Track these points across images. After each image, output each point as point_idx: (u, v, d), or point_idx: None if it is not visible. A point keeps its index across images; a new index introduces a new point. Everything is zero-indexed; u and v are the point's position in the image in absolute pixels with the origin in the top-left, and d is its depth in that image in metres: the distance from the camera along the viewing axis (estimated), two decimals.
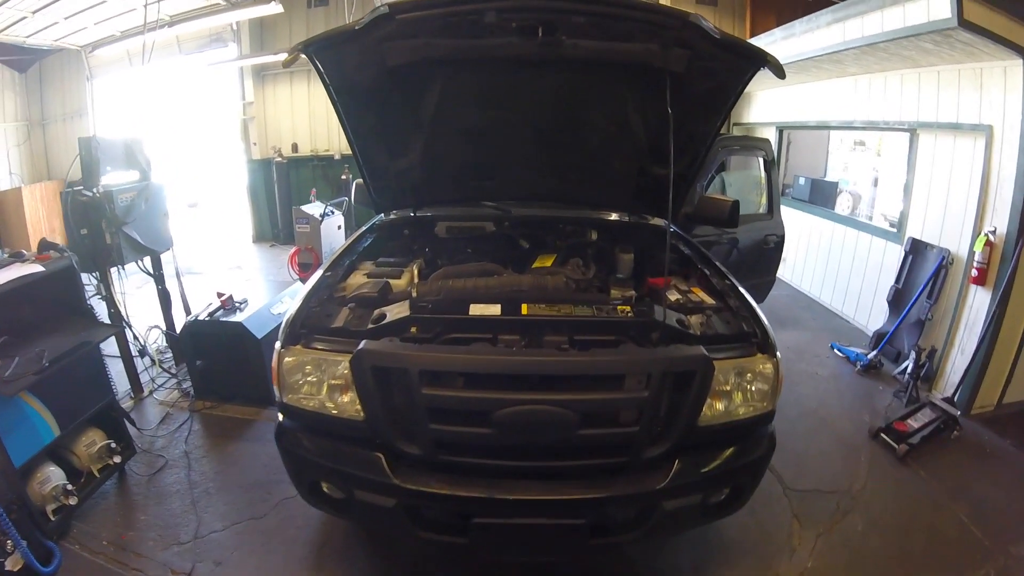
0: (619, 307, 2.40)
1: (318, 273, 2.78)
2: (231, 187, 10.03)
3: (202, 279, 7.43)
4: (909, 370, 4.55)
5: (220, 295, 4.13)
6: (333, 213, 7.51)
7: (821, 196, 7.27)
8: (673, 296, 2.69)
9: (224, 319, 3.97)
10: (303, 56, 2.30)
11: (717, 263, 3.01)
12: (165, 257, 4.64)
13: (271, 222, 9.45)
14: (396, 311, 2.33)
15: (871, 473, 3.61)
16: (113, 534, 2.97)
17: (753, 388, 2.27)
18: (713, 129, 2.80)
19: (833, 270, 6.50)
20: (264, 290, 6.95)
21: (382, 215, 3.62)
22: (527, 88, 2.82)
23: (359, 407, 2.12)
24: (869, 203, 6.95)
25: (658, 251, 3.27)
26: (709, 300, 2.66)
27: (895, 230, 5.51)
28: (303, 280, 3.09)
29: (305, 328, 2.28)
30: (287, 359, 2.20)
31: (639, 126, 2.99)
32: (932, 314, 4.73)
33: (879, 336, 5.25)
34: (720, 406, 2.22)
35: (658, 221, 3.59)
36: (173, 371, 4.59)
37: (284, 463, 2.41)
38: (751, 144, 5.63)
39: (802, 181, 7.55)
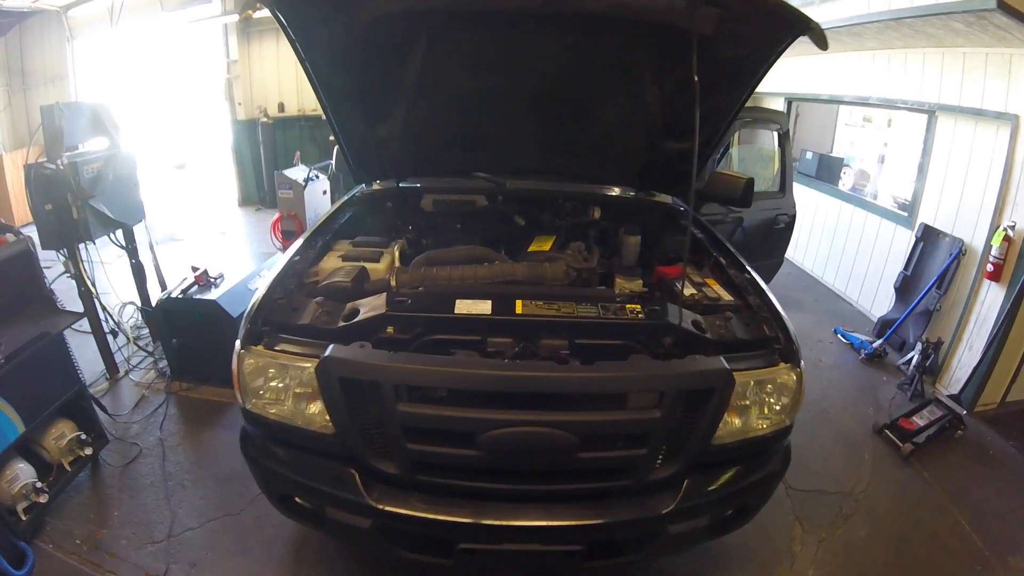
0: (627, 306, 2.09)
1: (287, 254, 2.50)
2: (217, 149, 9.65)
3: (185, 246, 7.15)
4: (914, 362, 4.42)
5: (195, 270, 3.88)
6: (318, 178, 7.12)
7: (828, 172, 7.02)
8: (687, 290, 2.39)
9: (198, 296, 3.73)
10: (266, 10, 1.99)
11: (733, 250, 2.76)
12: (140, 228, 4.36)
13: (257, 185, 9.10)
14: (371, 306, 2.03)
15: (874, 473, 3.51)
16: (86, 531, 2.83)
17: (773, 401, 2.03)
18: (737, 103, 2.51)
19: (838, 251, 6.31)
20: (247, 258, 6.67)
21: (363, 185, 3.32)
22: (527, 48, 2.48)
23: (329, 419, 1.88)
24: (875, 181, 6.74)
25: (668, 233, 3.05)
26: (726, 295, 2.39)
27: (906, 214, 5.31)
28: (285, 248, 2.82)
29: (268, 325, 1.99)
30: (247, 361, 1.92)
31: (653, 96, 2.68)
32: (940, 305, 4.58)
33: (884, 323, 5.11)
34: (737, 422, 2.00)
35: (663, 198, 3.33)
36: (149, 349, 4.37)
37: (251, 472, 2.19)
38: (764, 116, 5.29)
39: (809, 156, 7.28)
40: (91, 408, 3.24)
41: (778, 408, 2.03)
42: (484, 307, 2.02)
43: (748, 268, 2.55)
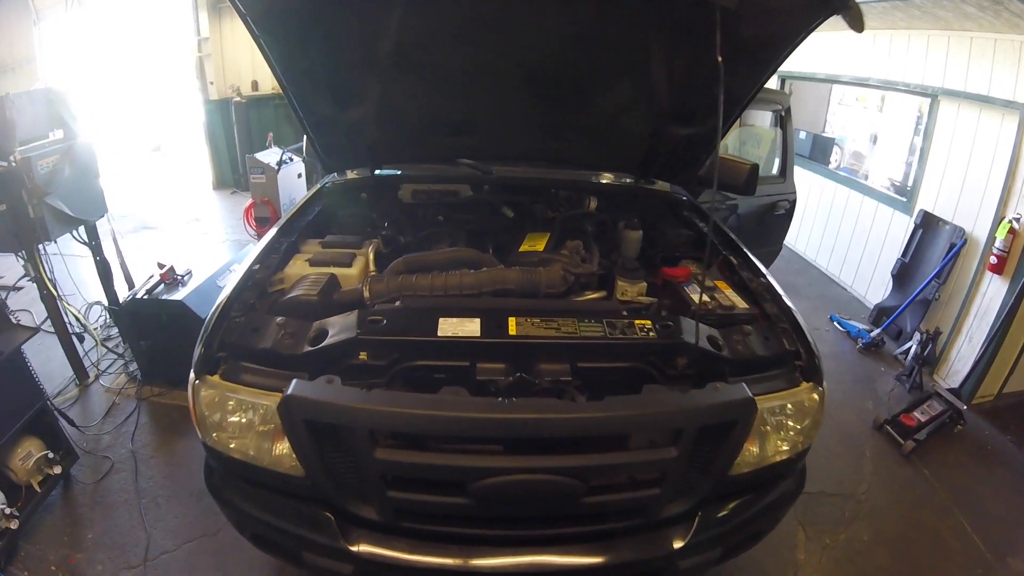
0: (636, 322, 1.85)
1: (247, 260, 2.22)
2: (191, 130, 9.23)
3: (157, 235, 6.82)
4: (912, 352, 4.35)
5: (161, 267, 3.63)
6: (292, 160, 6.70)
7: (822, 153, 6.87)
8: (697, 295, 2.15)
9: (164, 297, 3.48)
10: None
11: (744, 247, 2.55)
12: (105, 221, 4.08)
13: (232, 167, 8.71)
14: (340, 327, 1.76)
15: (875, 472, 3.45)
16: (60, 556, 2.66)
17: (793, 424, 1.84)
18: (755, 87, 2.25)
19: (832, 233, 6.18)
20: (220, 247, 6.41)
21: (334, 175, 3.02)
22: (520, 19, 2.18)
23: (297, 461, 1.67)
24: (867, 162, 6.58)
25: (670, 226, 2.83)
26: (741, 303, 2.15)
27: (904, 199, 5.18)
28: (260, 236, 2.59)
29: (225, 350, 1.75)
30: (203, 393, 1.68)
31: (661, 76, 2.41)
32: (939, 294, 4.50)
33: (881, 311, 5.04)
34: (754, 449, 1.82)
35: (662, 186, 3.11)
36: (120, 351, 4.13)
37: (220, 509, 1.96)
38: (765, 96, 5.02)
39: (803, 135, 7.10)
40: (57, 423, 3.04)
41: (798, 430, 1.86)
42: (472, 327, 1.77)
43: (763, 270, 2.35)
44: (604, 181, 3.22)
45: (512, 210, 2.97)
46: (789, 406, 1.82)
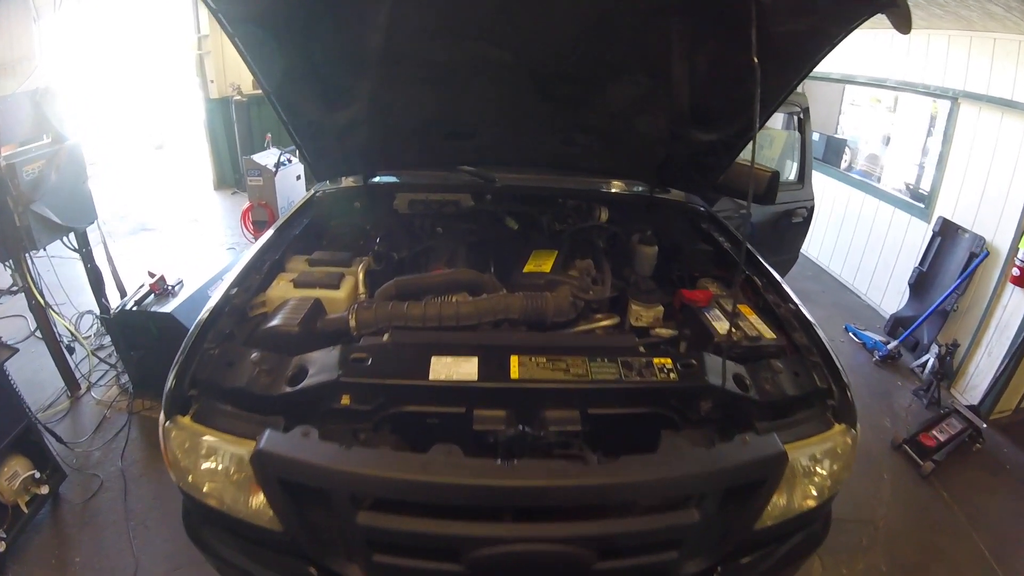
0: (655, 361, 1.66)
1: (224, 283, 2.03)
2: (192, 128, 9.11)
3: (156, 236, 6.72)
4: (930, 366, 4.21)
5: (151, 276, 3.51)
6: (290, 162, 6.56)
7: (835, 155, 6.68)
8: (721, 324, 1.96)
9: (153, 309, 3.34)
10: None
11: (768, 265, 2.36)
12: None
13: (232, 167, 8.57)
14: (321, 365, 1.58)
15: (894, 495, 3.32)
16: None
17: (823, 469, 1.65)
18: (785, 90, 2.00)
19: (847, 239, 6.01)
20: (218, 252, 6.28)
21: (325, 182, 2.84)
22: (526, 12, 1.96)
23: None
24: (881, 164, 6.39)
25: (689, 242, 2.63)
26: (767, 332, 1.95)
27: (921, 205, 5.01)
28: (257, 240, 2.47)
29: (197, 387, 1.60)
30: (174, 436, 1.53)
31: (682, 75, 2.16)
32: (957, 305, 4.34)
33: (897, 321, 4.89)
34: (781, 501, 1.63)
35: (677, 195, 2.91)
36: (112, 360, 4.02)
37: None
38: None
39: (816, 137, 6.92)
40: (43, 441, 2.95)
41: (828, 475, 1.68)
42: (468, 368, 1.58)
43: (790, 293, 2.17)
44: (615, 190, 3.05)
45: (517, 221, 2.79)
46: (820, 452, 1.65)
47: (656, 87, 2.23)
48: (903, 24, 1.43)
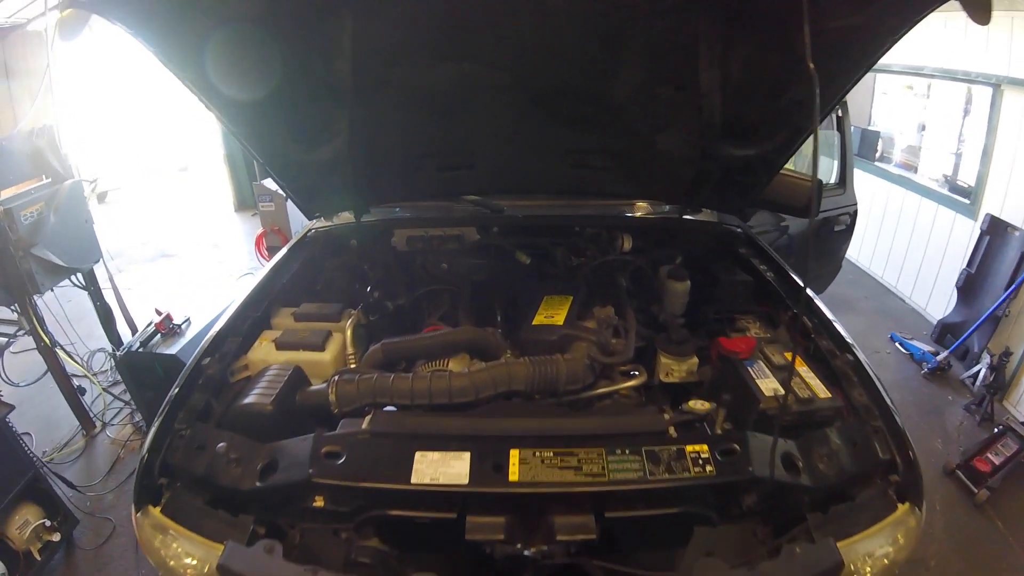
0: (688, 448, 1.40)
1: (199, 349, 1.87)
2: (212, 151, 9.19)
3: (175, 264, 6.78)
4: (981, 377, 3.89)
5: (158, 313, 3.44)
6: None
7: (870, 148, 6.30)
8: (767, 383, 1.68)
9: (159, 351, 3.28)
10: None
11: (816, 298, 2.08)
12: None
13: (251, 189, 8.64)
14: (292, 459, 1.41)
15: (947, 529, 3.05)
16: None
17: (884, 556, 1.39)
18: (842, 92, 1.67)
19: (887, 239, 5.65)
20: (233, 279, 6.23)
21: (317, 220, 2.65)
22: (515, 27, 1.68)
23: None
24: (919, 155, 5.98)
25: (726, 271, 2.33)
26: (819, 387, 1.66)
27: (967, 201, 4.65)
28: None
29: (167, 474, 1.46)
30: (145, 527, 1.41)
31: (713, 83, 1.84)
32: (1009, 310, 3.99)
33: (944, 328, 4.56)
34: None
35: (708, 215, 2.63)
36: (126, 398, 3.98)
37: None
38: None
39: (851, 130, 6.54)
40: (52, 489, 2.93)
41: (889, 562, 1.40)
42: (458, 467, 1.35)
43: (847, 337, 1.87)
44: (639, 214, 2.74)
45: (528, 255, 2.55)
46: (882, 542, 1.40)
47: (681, 99, 1.93)
48: (981, 13, 1.16)
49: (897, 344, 4.63)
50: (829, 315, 1.99)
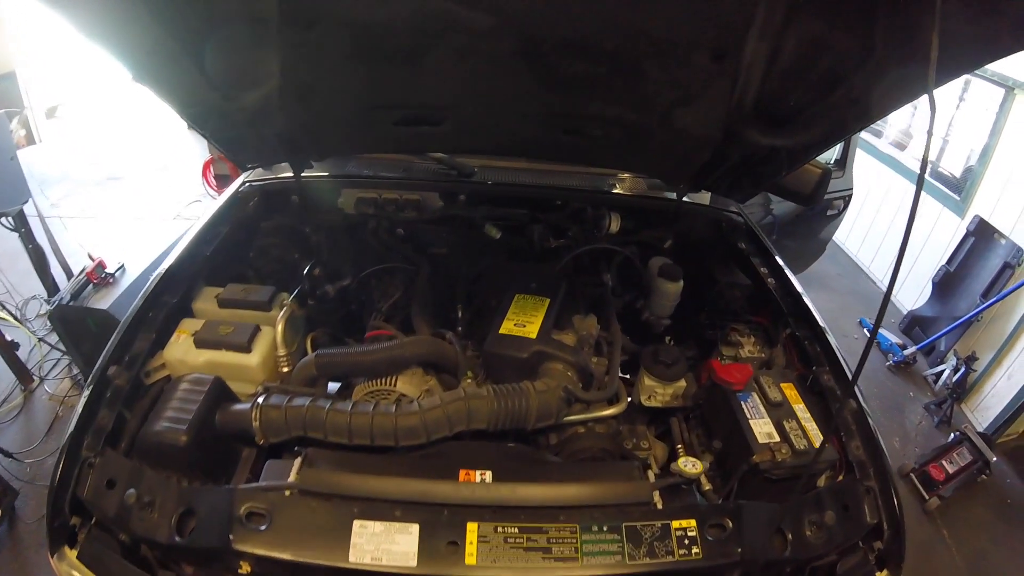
0: (674, 523, 1.27)
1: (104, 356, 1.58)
2: None
3: (123, 186, 6.26)
4: (943, 379, 3.99)
5: (91, 259, 3.16)
6: None
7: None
8: (762, 427, 1.58)
9: (89, 304, 3.04)
10: None
11: (811, 306, 1.96)
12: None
13: None
14: (208, 513, 1.24)
15: None
16: None
17: None
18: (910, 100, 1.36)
19: (868, 218, 5.58)
20: (178, 206, 5.85)
21: (257, 168, 2.21)
22: None
23: None
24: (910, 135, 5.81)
25: (724, 271, 2.18)
26: (814, 434, 1.57)
27: (957, 197, 4.58)
28: (220, 195, 2.16)
29: (79, 513, 1.28)
30: (63, 570, 1.24)
31: (756, 57, 1.42)
32: (981, 315, 4.02)
33: (914, 320, 4.60)
34: None
35: (705, 196, 2.37)
36: (63, 347, 3.68)
37: None
38: None
39: None
40: None
41: None
42: (404, 544, 1.18)
43: (846, 365, 1.74)
44: (632, 192, 2.47)
45: (499, 230, 2.25)
46: None
47: (716, 70, 1.52)
48: None
49: (866, 331, 4.65)
50: (831, 339, 1.84)
